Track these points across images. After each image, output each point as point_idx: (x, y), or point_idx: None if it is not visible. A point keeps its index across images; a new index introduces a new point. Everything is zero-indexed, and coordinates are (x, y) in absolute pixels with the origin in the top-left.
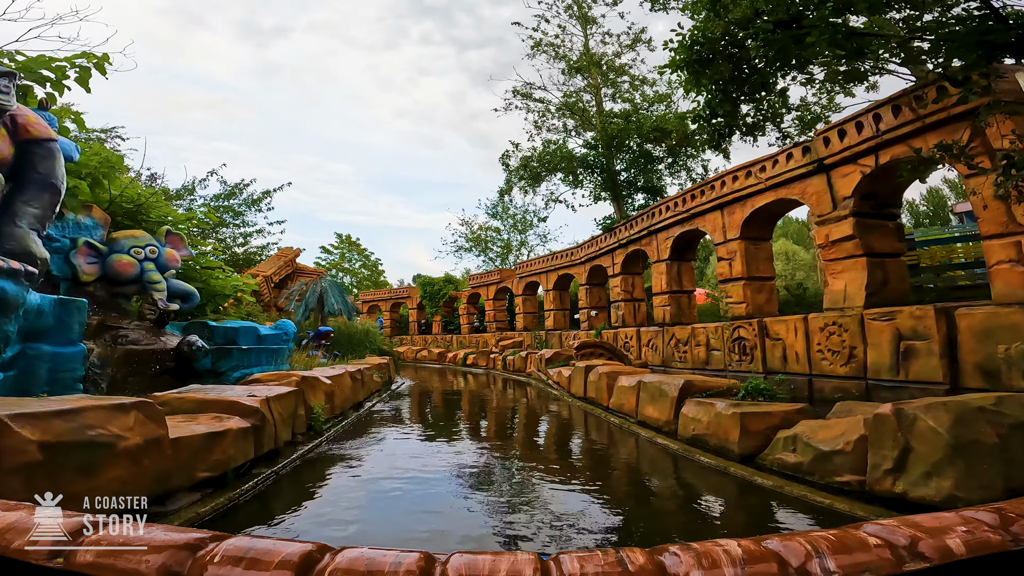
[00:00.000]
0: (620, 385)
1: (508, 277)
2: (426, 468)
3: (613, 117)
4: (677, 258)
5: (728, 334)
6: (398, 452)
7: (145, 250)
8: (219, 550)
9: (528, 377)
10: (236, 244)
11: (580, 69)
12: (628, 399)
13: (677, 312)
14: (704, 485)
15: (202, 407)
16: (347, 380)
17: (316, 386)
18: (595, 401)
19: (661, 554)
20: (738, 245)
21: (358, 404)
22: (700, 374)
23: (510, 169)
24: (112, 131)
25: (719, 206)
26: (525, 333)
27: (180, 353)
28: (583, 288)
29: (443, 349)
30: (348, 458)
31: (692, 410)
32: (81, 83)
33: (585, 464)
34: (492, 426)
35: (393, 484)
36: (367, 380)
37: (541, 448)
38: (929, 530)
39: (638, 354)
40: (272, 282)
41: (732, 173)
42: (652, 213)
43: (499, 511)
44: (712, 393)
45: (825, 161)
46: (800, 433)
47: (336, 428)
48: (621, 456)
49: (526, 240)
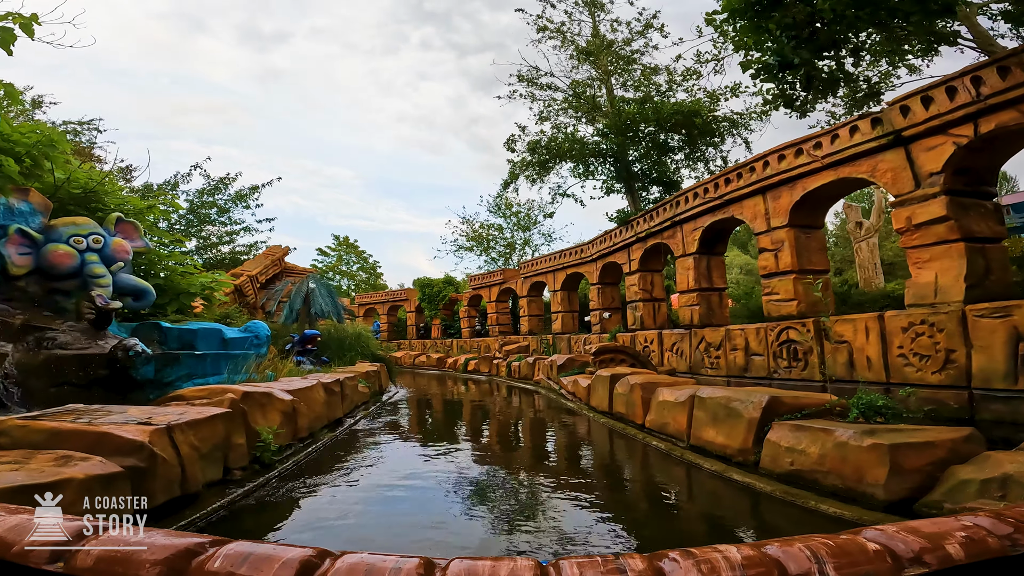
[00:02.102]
0: (662, 400)
1: (512, 277)
2: (409, 526)
3: (627, 102)
4: (706, 251)
5: (773, 336)
6: (372, 497)
7: (88, 239)
8: (219, 554)
9: (536, 385)
10: (222, 242)
11: (590, 53)
12: (675, 418)
13: (707, 312)
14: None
15: (53, 440)
16: (318, 393)
17: (267, 404)
18: (625, 417)
19: (661, 560)
20: (786, 234)
21: (336, 422)
22: (737, 382)
23: (515, 161)
24: (90, 123)
25: (761, 190)
26: (530, 337)
27: (114, 359)
28: (595, 288)
29: (443, 354)
30: (298, 506)
31: (787, 437)
32: (3, 46)
33: (651, 517)
34: (500, 449)
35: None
36: (350, 391)
37: (573, 488)
38: (928, 536)
39: (659, 360)
40: (258, 282)
41: (777, 152)
42: (676, 202)
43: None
44: (810, 413)
45: (904, 133)
46: (1015, 474)
47: (297, 457)
48: (696, 503)
49: (530, 239)
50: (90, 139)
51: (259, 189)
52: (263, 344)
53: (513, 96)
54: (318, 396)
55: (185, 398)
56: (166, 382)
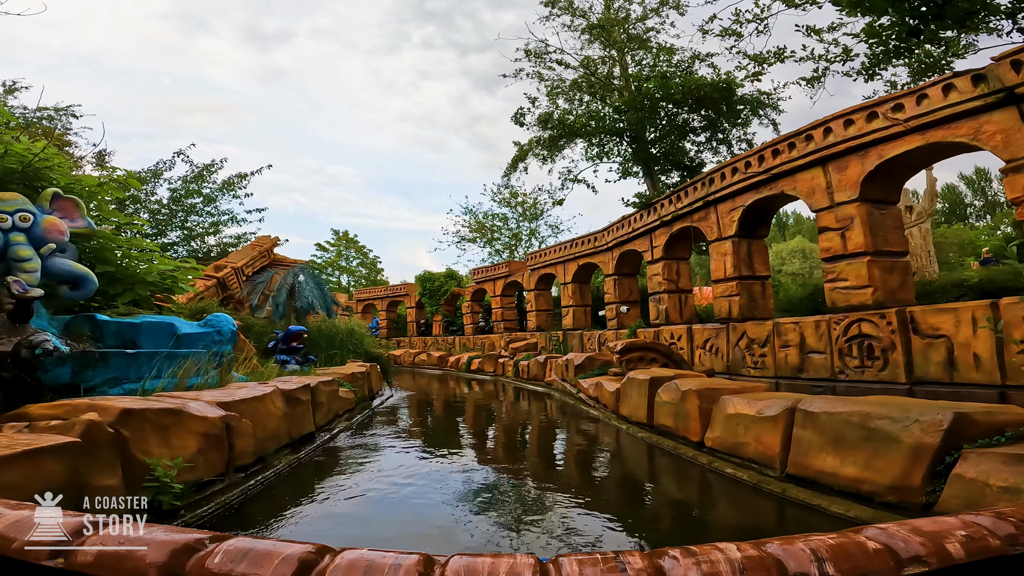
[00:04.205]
0: (734, 412)
1: (518, 270)
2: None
3: (646, 78)
4: (747, 234)
5: (839, 331)
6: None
7: (13, 217)
8: (219, 550)
9: (548, 388)
10: (207, 232)
11: (602, 29)
12: (759, 437)
13: (748, 304)
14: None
15: None
16: (271, 405)
17: (174, 425)
18: (672, 432)
19: (660, 558)
20: (856, 209)
21: (305, 438)
22: (789, 385)
23: (521, 144)
24: (67, 109)
25: (820, 160)
26: (538, 334)
27: (17, 359)
28: (610, 279)
29: (444, 352)
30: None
31: (1000, 472)
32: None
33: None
34: (514, 478)
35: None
36: (327, 398)
37: (651, 537)
38: (928, 534)
39: (688, 359)
40: (244, 275)
41: (843, 116)
42: (710, 179)
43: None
44: (1018, 435)
45: (1017, 90)
46: None
47: (227, 496)
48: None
49: (536, 229)
50: (64, 125)
51: (247, 177)
52: (226, 341)
53: (519, 75)
54: (271, 409)
55: (31, 416)
56: (88, 387)
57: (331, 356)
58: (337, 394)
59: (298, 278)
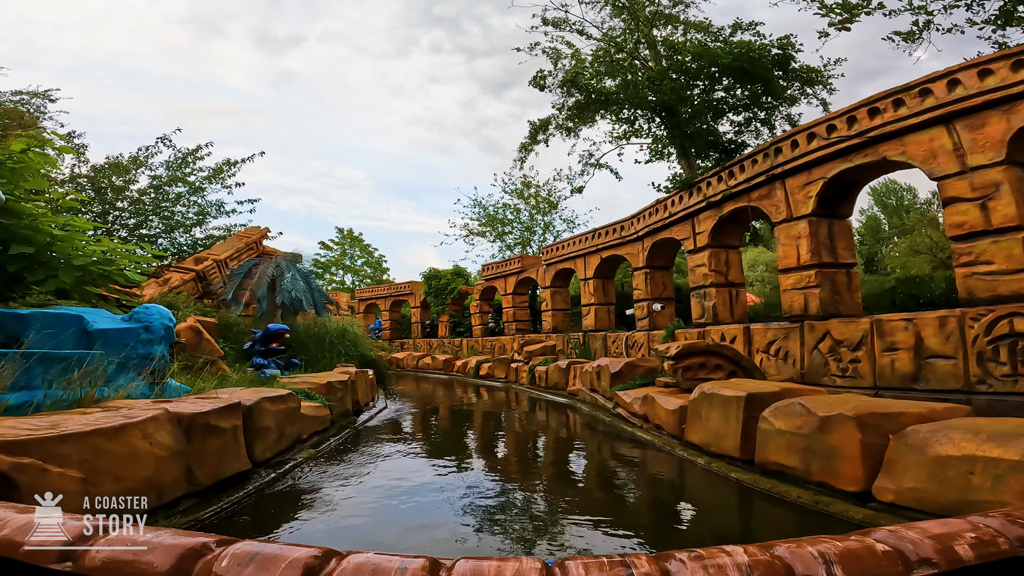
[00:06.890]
0: (962, 455)
1: (532, 265)
2: None
3: (681, 49)
4: (828, 213)
5: (980, 329)
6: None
7: None
8: (226, 554)
9: (572, 398)
10: (191, 223)
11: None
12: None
13: (832, 297)
14: None
15: None
16: (137, 442)
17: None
18: (795, 475)
19: (667, 560)
20: (1002, 174)
21: (229, 481)
22: (899, 399)
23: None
24: (45, 93)
25: (944, 118)
26: (555, 335)
27: None
28: (640, 273)
29: (450, 356)
30: None
31: None
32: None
33: None
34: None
35: None
36: (278, 421)
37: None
38: (937, 536)
39: None
40: (227, 268)
41: (977, 66)
42: (776, 148)
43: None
44: None
45: None
46: None
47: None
48: None
49: (551, 223)
50: (39, 106)
51: (237, 164)
52: (156, 341)
53: (535, 49)
54: (137, 447)
55: None
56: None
57: (319, 359)
58: (296, 413)
59: (280, 269)
